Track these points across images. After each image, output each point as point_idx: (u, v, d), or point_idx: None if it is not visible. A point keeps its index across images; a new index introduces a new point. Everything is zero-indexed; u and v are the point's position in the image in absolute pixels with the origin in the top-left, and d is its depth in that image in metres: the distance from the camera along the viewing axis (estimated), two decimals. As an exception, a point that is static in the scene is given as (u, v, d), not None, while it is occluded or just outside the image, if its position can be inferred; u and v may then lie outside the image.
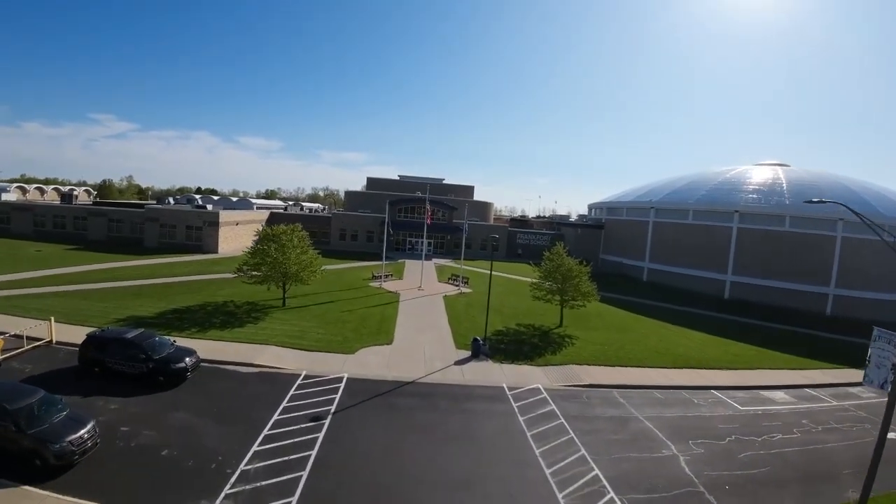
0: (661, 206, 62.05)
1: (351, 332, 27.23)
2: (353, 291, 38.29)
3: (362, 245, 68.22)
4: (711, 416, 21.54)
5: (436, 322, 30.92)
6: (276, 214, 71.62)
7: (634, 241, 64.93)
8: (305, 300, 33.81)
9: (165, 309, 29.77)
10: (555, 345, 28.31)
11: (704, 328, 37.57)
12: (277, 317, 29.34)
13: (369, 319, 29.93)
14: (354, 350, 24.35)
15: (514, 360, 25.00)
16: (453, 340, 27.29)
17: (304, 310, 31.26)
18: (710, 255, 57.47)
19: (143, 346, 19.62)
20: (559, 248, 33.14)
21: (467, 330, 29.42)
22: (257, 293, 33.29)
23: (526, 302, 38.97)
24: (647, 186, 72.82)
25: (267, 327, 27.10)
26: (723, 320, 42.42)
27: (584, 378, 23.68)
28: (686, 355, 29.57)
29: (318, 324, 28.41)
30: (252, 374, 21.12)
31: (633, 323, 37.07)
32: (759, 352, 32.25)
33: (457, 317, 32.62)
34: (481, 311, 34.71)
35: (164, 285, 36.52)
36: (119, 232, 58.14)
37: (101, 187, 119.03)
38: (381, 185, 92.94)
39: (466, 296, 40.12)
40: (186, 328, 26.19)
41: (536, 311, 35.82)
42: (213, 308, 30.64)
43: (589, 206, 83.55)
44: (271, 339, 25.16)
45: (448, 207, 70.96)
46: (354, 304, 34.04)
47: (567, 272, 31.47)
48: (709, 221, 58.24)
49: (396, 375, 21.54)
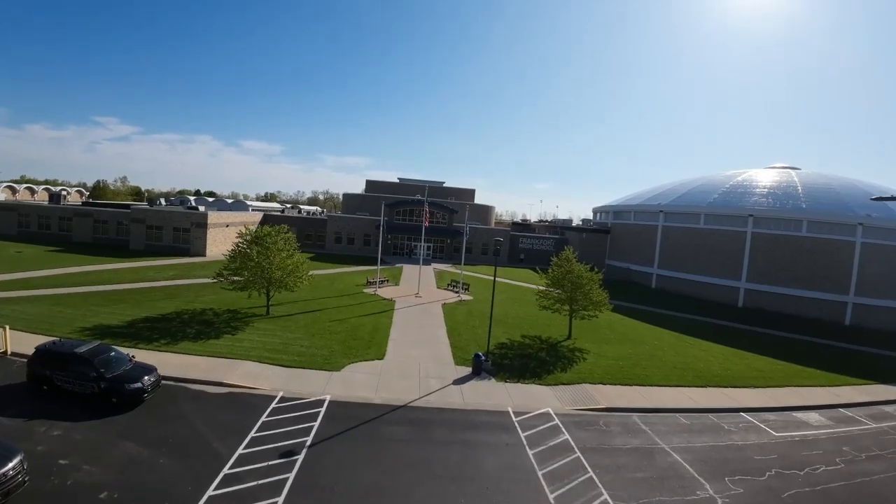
0: (671, 209, 59.42)
1: (338, 344, 24.56)
2: (346, 298, 35.64)
3: (359, 249, 65.64)
4: (745, 444, 18.93)
5: (433, 334, 28.23)
6: (269, 217, 69.08)
7: (642, 246, 62.28)
8: (292, 308, 31.17)
9: (138, 317, 27.22)
10: (564, 360, 25.62)
11: (722, 340, 34.93)
12: (259, 327, 26.71)
13: (360, 330, 27.25)
14: (340, 366, 21.66)
15: (519, 379, 22.31)
16: (452, 355, 24.58)
17: (289, 319, 28.61)
18: (723, 262, 54.86)
19: (93, 362, 17.05)
20: (568, 252, 30.51)
21: (467, 343, 26.76)
22: (240, 300, 30.65)
23: (531, 311, 36.35)
24: (654, 190, 70.26)
25: (245, 339, 24.47)
26: (739, 330, 39.75)
27: (600, 400, 20.98)
28: (707, 371, 26.96)
29: (302, 335, 25.76)
30: (220, 396, 18.47)
31: (647, 334, 34.42)
32: (784, 366, 29.62)
33: (456, 328, 29.94)
34: (483, 320, 32.08)
35: (144, 290, 34.04)
36: (105, 233, 55.66)
37: (94, 188, 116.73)
38: (380, 188, 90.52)
39: (467, 304, 37.45)
40: (156, 339, 23.61)
41: (542, 322, 33.18)
42: (190, 316, 28.06)
43: (594, 209, 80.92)
44: (248, 352, 22.53)
45: (448, 210, 68.39)
46: (345, 312, 31.38)
47: (576, 279, 28.83)
48: (721, 226, 55.61)
49: (386, 398, 18.85)
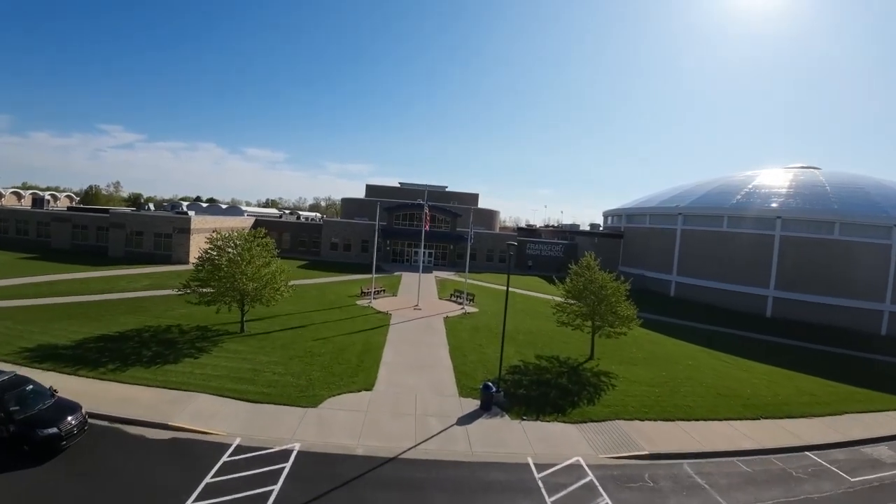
0: (691, 212, 55.29)
1: (319, 370, 20.48)
2: (335, 312, 31.59)
3: (356, 256, 61.70)
4: (821, 497, 14.89)
5: (433, 355, 24.09)
6: (262, 222, 65.29)
7: (659, 251, 58.07)
8: (272, 324, 27.16)
9: (92, 334, 23.44)
10: (590, 388, 21.47)
11: (760, 357, 30.84)
12: (228, 348, 22.72)
13: (347, 352, 23.16)
14: (319, 401, 17.58)
15: (539, 414, 18.17)
16: (456, 383, 20.41)
17: (265, 338, 24.59)
18: (749, 268, 50.64)
19: (2, 399, 13.32)
20: (589, 258, 26.42)
21: (474, 367, 22.64)
22: (213, 315, 26.55)
23: (544, 325, 32.27)
24: (669, 192, 66.17)
25: (209, 363, 20.47)
26: (774, 345, 35.71)
27: (640, 442, 16.84)
28: (756, 398, 22.89)
29: (278, 358, 21.73)
30: (161, 444, 14.47)
31: (676, 352, 30.29)
32: (835, 388, 25.69)
33: (460, 346, 25.81)
34: (491, 337, 27.99)
35: (109, 303, 30.26)
36: (84, 239, 52.05)
37: (87, 194, 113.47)
38: (380, 193, 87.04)
39: (472, 317, 33.32)
40: (103, 363, 19.74)
41: (559, 338, 29.08)
42: (152, 334, 24.18)
43: (604, 213, 76.80)
44: (208, 382, 18.52)
45: (451, 214, 64.47)
46: (333, 329, 27.32)
47: (599, 290, 24.76)
48: (747, 229, 51.46)
49: (373, 447, 14.74)
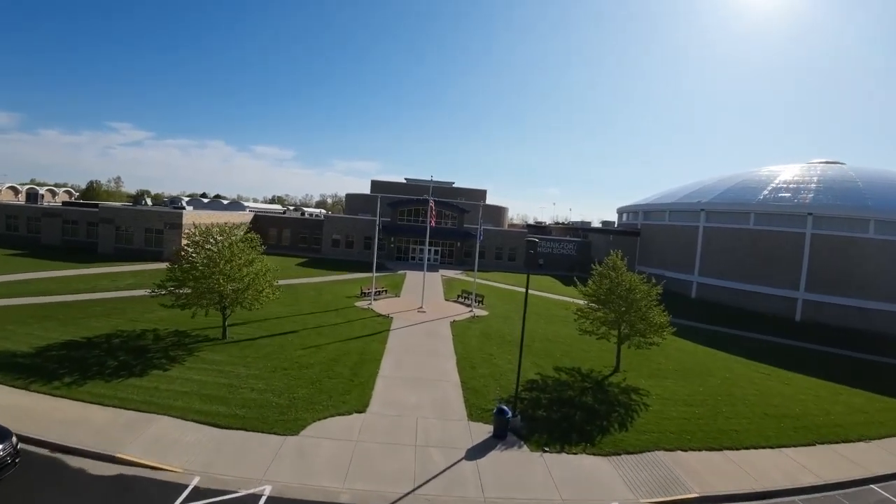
0: (714, 208, 51.85)
1: (306, 386, 17.66)
2: (331, 315, 28.79)
3: (359, 253, 58.95)
4: None
5: (438, 367, 21.13)
6: (261, 217, 62.86)
7: (680, 250, 54.70)
8: (258, 329, 24.40)
9: (56, 340, 20.88)
10: (620, 408, 18.48)
11: (800, 367, 27.72)
12: (205, 357, 20.00)
13: (340, 363, 20.30)
14: (300, 426, 14.75)
15: (564, 444, 15.22)
16: (464, 403, 17.46)
17: (249, 346, 21.82)
18: (777, 268, 47.22)
19: None
20: (615, 257, 23.37)
21: (485, 382, 19.72)
22: (194, 319, 23.92)
23: (560, 330, 29.34)
24: (688, 187, 62.63)
25: (179, 377, 17.75)
26: (806, 351, 32.58)
27: (688, 481, 13.84)
28: (806, 418, 19.92)
29: (261, 370, 18.95)
30: (105, 481, 11.76)
31: (709, 362, 27.23)
32: (883, 402, 22.80)
33: (469, 356, 22.86)
34: (503, 345, 25.05)
35: (86, 303, 27.81)
36: (74, 235, 49.83)
37: (87, 189, 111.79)
38: (386, 189, 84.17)
39: (481, 321, 30.34)
40: (60, 376, 17.17)
41: (577, 345, 26.11)
42: (123, 340, 21.57)
43: (619, 209, 73.35)
44: (173, 401, 15.80)
45: (458, 210, 61.52)
46: (327, 335, 24.50)
47: (627, 293, 21.73)
48: (776, 226, 47.98)
49: (361, 491, 11.86)
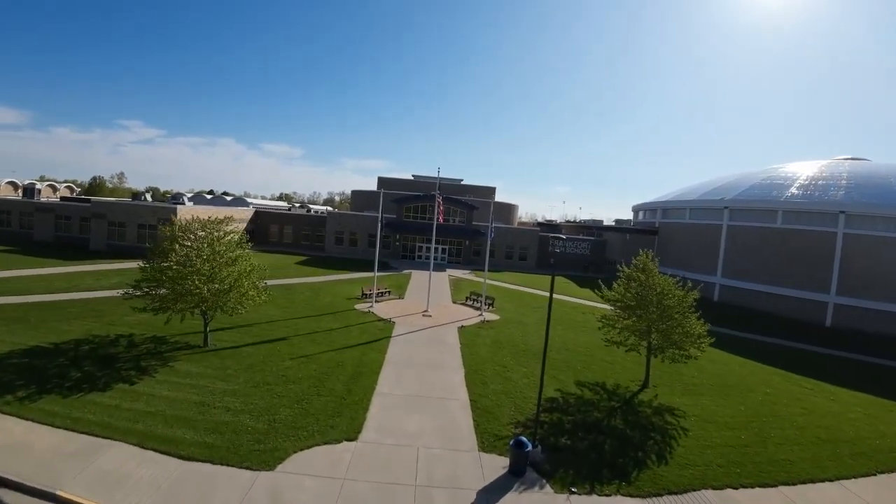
0: (739, 205, 48.81)
1: (290, 406, 15.23)
2: (327, 319, 26.33)
3: (363, 251, 56.62)
4: None
5: (444, 382, 18.53)
6: (262, 214, 60.73)
7: (701, 250, 51.72)
8: (244, 335, 22.00)
9: (21, 346, 18.89)
10: (656, 434, 15.87)
11: (836, 378, 25.04)
12: (181, 369, 17.68)
13: (333, 377, 17.83)
14: (279, 458, 12.29)
15: (594, 483, 12.63)
16: (474, 429, 14.84)
17: (232, 355, 19.45)
18: (806, 270, 44.20)
19: None
20: (645, 257, 20.68)
21: (498, 399, 17.14)
22: (175, 323, 21.65)
23: (578, 337, 26.78)
24: (709, 184, 59.52)
25: (146, 393, 15.43)
26: (844, 361, 29.66)
27: (749, 535, 11.25)
28: (860, 441, 17.48)
29: (241, 385, 16.57)
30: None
31: (745, 374, 24.59)
32: None
33: (479, 369, 20.25)
34: (518, 355, 22.47)
35: (63, 304, 25.73)
36: (67, 231, 48.05)
37: (90, 185, 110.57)
38: (393, 186, 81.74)
39: (492, 326, 27.75)
40: (15, 389, 15.19)
41: (598, 355, 23.52)
42: (94, 347, 19.36)
43: (634, 207, 70.25)
44: (134, 422, 13.50)
45: (467, 207, 58.93)
46: (321, 342, 22.04)
47: (659, 297, 19.07)
48: (804, 225, 44.93)
49: (344, 551, 9.46)
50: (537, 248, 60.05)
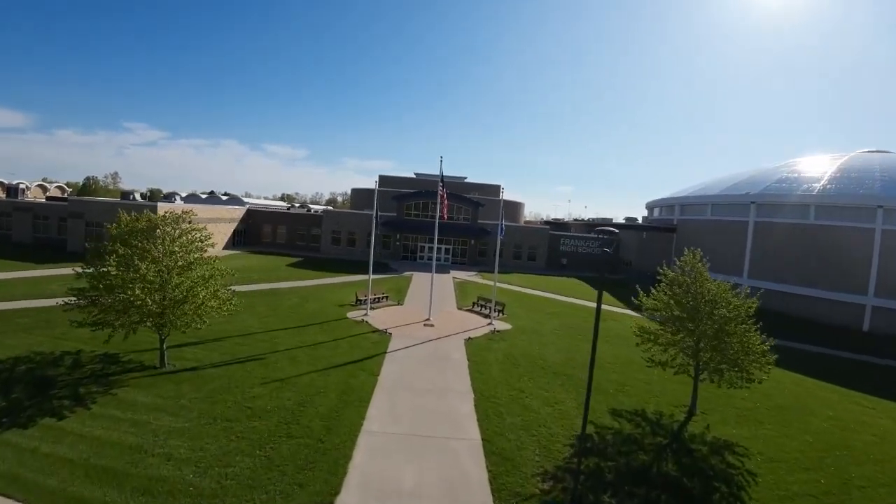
0: (767, 199, 45.17)
1: (251, 451, 11.83)
2: (313, 331, 22.86)
3: (361, 252, 53.21)
4: None
5: (449, 414, 14.96)
6: (254, 213, 57.55)
7: (725, 248, 47.99)
8: (212, 352, 18.60)
9: (-59, 369, 15.54)
10: (719, 481, 12.44)
11: (890, 393, 21.84)
12: (125, 397, 14.37)
13: (310, 409, 14.40)
14: (222, 539, 9.01)
15: (656, 568, 9.27)
16: (489, 484, 11.36)
17: (191, 378, 16.09)
18: (841, 269, 40.67)
19: None
20: (691, 256, 17.27)
21: (518, 438, 13.66)
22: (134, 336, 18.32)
23: (604, 349, 23.24)
24: (730, 178, 55.74)
25: (73, 432, 12.14)
26: (890, 370, 26.60)
27: None
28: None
29: (194, 420, 13.21)
30: None
31: (798, 392, 21.30)
32: None
33: (492, 394, 16.72)
34: (535, 373, 19.02)
35: (15, 313, 22.66)
36: (46, 232, 45.06)
37: (84, 186, 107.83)
38: (394, 184, 78.58)
39: (504, 338, 24.17)
40: None
41: (631, 372, 20.11)
42: (32, 367, 16.22)
43: (648, 204, 66.60)
44: (46, 477, 10.34)
45: (472, 204, 55.54)
46: (301, 361, 18.57)
47: (710, 304, 15.63)
48: (838, 221, 41.38)
49: None
50: (547, 247, 56.55)
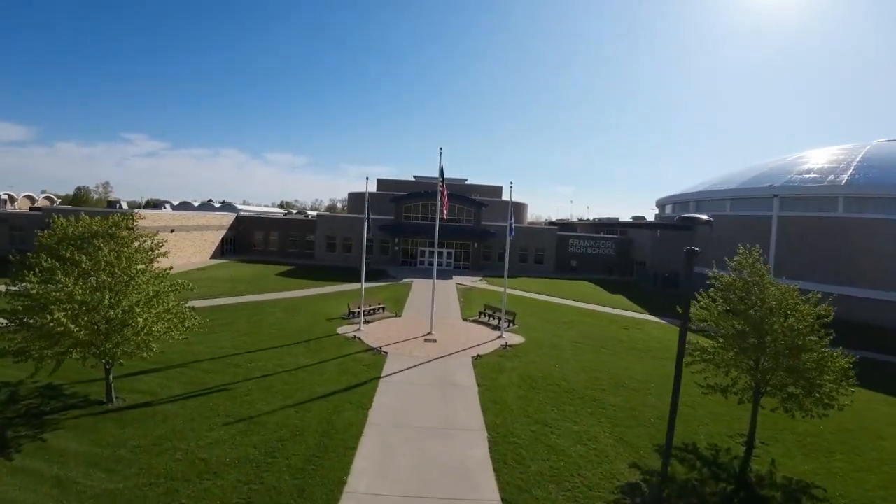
0: (792, 192, 42.19)
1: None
2: (297, 351, 19.83)
3: (359, 258, 50.25)
4: None
5: (457, 462, 11.83)
6: (244, 219, 54.80)
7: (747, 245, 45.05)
8: (172, 381, 15.58)
9: None
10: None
11: None
12: (55, 444, 11.47)
13: (281, 459, 11.33)
14: None
15: None
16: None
17: (141, 417, 13.13)
18: (874, 265, 37.67)
19: None
20: (755, 254, 14.37)
21: (546, 494, 10.64)
22: (81, 368, 15.40)
23: (632, 364, 20.37)
24: (748, 171, 52.61)
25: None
26: None
27: None
28: None
29: (131, 479, 10.26)
30: None
31: (859, 408, 18.17)
32: None
33: (509, 431, 13.49)
34: (557, 398, 15.96)
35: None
36: (22, 242, 42.36)
37: (75, 196, 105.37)
38: (392, 187, 75.85)
39: (517, 354, 20.89)
40: None
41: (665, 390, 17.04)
42: (-54, 410, 13.23)
43: (659, 201, 63.46)
44: None
45: (474, 205, 52.71)
46: (277, 391, 15.44)
47: (777, 311, 12.71)
48: (871, 213, 38.44)
49: None
50: (555, 249, 53.59)
